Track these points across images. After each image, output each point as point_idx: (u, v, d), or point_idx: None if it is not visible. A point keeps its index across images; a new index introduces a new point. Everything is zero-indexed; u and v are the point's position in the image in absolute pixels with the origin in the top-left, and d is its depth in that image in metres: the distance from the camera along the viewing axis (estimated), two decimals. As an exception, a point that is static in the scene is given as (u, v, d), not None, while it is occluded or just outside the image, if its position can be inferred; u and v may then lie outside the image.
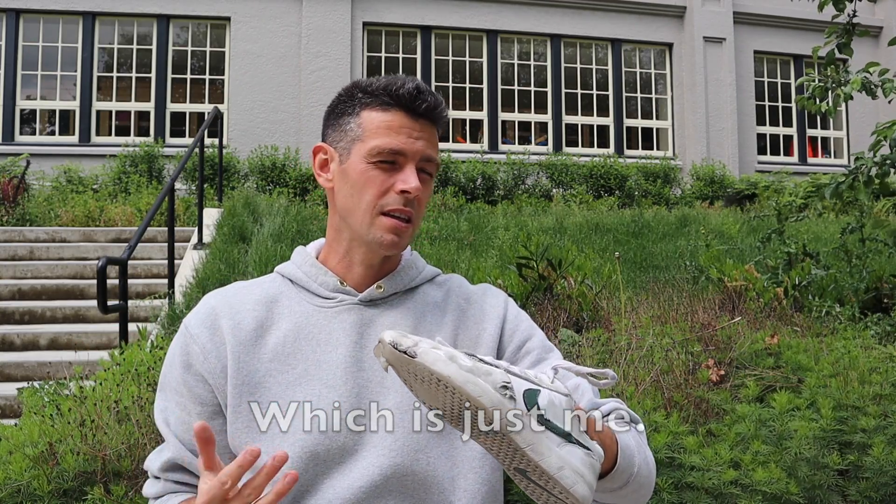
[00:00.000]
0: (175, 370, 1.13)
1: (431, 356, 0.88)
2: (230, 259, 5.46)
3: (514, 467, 0.93)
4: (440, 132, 1.16)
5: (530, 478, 0.93)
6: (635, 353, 2.67)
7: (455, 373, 0.88)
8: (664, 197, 10.33)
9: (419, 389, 0.93)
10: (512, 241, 5.86)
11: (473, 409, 0.89)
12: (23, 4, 9.96)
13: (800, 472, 2.04)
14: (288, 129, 10.39)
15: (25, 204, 7.72)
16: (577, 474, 0.92)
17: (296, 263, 1.19)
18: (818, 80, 3.90)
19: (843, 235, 4.19)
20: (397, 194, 1.08)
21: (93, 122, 10.14)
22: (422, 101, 1.09)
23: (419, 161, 1.10)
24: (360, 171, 1.10)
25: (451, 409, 0.91)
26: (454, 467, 1.08)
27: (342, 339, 1.10)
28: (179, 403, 1.12)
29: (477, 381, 0.89)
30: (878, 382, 2.41)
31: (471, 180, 9.71)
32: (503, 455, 0.93)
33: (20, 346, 4.98)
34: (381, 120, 1.10)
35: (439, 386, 0.89)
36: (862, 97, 3.91)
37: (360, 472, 1.04)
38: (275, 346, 1.10)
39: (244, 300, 1.15)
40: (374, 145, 1.09)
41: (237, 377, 1.08)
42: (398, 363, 0.90)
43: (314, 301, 1.14)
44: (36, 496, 1.90)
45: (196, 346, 1.11)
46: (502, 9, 11.32)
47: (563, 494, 0.92)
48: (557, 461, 0.91)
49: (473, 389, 0.88)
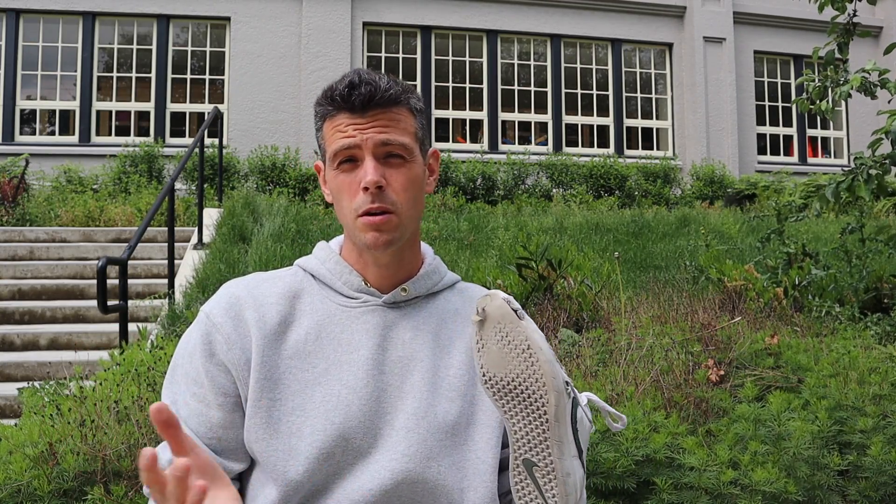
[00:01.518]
0: (195, 359, 1.09)
1: (534, 325, 0.97)
2: (230, 259, 5.46)
3: (524, 457, 0.97)
4: (411, 109, 1.11)
5: (533, 474, 0.96)
6: (635, 353, 2.67)
7: (547, 349, 0.96)
8: (664, 197, 10.34)
9: (495, 351, 0.97)
10: (512, 241, 5.86)
11: (536, 389, 0.95)
12: (23, 4, 9.96)
13: (799, 472, 2.05)
14: (288, 129, 10.39)
15: (25, 204, 7.72)
16: (575, 490, 0.98)
17: (319, 259, 1.17)
18: (817, 79, 3.90)
19: (842, 235, 4.19)
20: (363, 193, 1.07)
21: (93, 122, 10.14)
22: (356, 96, 1.07)
23: (376, 149, 1.07)
24: (334, 181, 1.10)
25: (513, 380, 0.96)
26: (464, 479, 1.07)
27: (364, 341, 1.09)
28: (196, 395, 1.08)
29: (556, 365, 0.96)
30: (877, 382, 2.41)
31: (471, 180, 9.71)
32: (525, 441, 0.97)
33: (20, 346, 4.98)
34: (332, 126, 1.09)
35: (523, 354, 0.95)
36: (862, 97, 3.91)
37: (371, 475, 1.03)
38: (296, 343, 1.08)
39: (267, 293, 1.12)
40: (331, 152, 1.09)
41: (260, 371, 1.06)
42: (500, 319, 0.96)
43: (337, 299, 1.13)
44: (36, 496, 1.90)
45: (220, 335, 1.08)
46: (502, 9, 11.32)
47: (558, 500, 0.97)
48: (569, 468, 0.97)
49: (553, 369, 0.95)
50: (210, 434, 1.07)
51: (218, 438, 1.07)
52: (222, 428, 1.07)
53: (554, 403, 0.94)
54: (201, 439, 1.06)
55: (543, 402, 0.94)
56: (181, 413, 1.08)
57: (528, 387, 0.95)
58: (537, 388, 0.94)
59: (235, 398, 1.08)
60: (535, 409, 0.95)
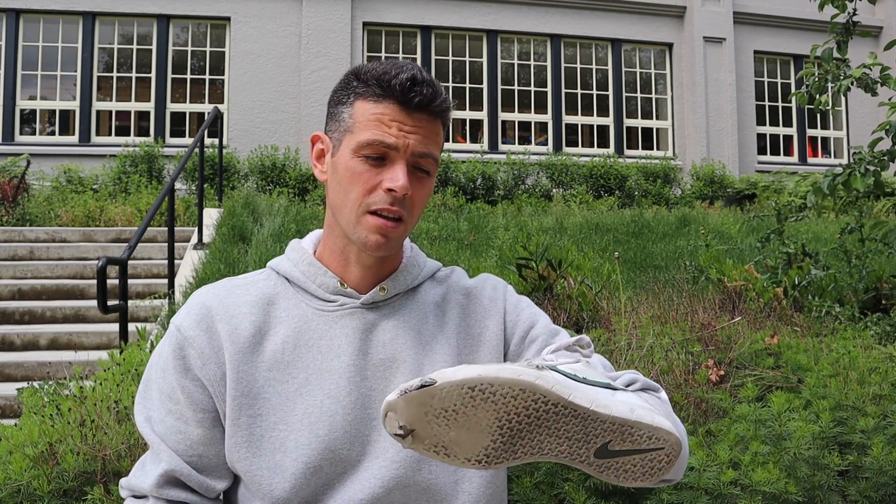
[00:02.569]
0: (168, 375, 1.03)
1: (449, 370, 0.79)
2: (230, 259, 5.46)
3: (594, 452, 0.83)
4: (444, 125, 1.07)
5: (614, 450, 0.83)
6: (635, 353, 2.67)
7: (482, 370, 0.79)
8: (664, 197, 10.34)
9: (457, 436, 0.80)
10: (512, 241, 5.86)
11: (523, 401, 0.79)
12: (23, 4, 9.96)
13: (799, 473, 2.04)
14: (288, 129, 10.39)
15: (25, 204, 7.72)
16: (651, 410, 0.83)
17: (292, 261, 1.11)
18: (817, 74, 3.90)
19: (842, 235, 4.19)
20: (384, 192, 1.00)
21: (93, 122, 10.14)
22: (416, 94, 1.00)
23: (411, 157, 1.01)
24: (348, 166, 1.02)
25: (500, 428, 0.80)
26: (457, 471, 1.05)
27: (344, 347, 1.04)
28: (173, 412, 1.03)
29: (506, 367, 0.80)
30: (877, 382, 2.41)
31: (471, 180, 9.71)
32: (576, 443, 0.82)
33: (20, 346, 4.98)
34: (371, 112, 1.01)
35: (475, 398, 0.78)
36: (862, 97, 3.90)
37: (361, 485, 1.00)
38: (273, 353, 1.03)
39: (239, 301, 1.06)
40: (362, 139, 1.00)
41: (237, 388, 1.01)
42: (421, 410, 0.79)
43: (313, 303, 1.07)
44: (36, 496, 1.89)
45: (193, 349, 1.02)
46: (502, 9, 11.32)
47: (653, 436, 0.82)
48: (624, 406, 0.82)
49: (509, 374, 0.79)
50: (190, 452, 1.02)
51: (199, 455, 1.03)
52: (202, 445, 1.03)
53: (548, 388, 0.79)
54: (181, 457, 1.02)
55: (541, 400, 0.80)
56: (157, 430, 1.03)
57: (515, 409, 0.80)
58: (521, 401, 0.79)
59: (214, 414, 1.03)
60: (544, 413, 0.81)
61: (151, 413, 1.04)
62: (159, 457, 1.02)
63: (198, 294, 1.09)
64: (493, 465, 0.83)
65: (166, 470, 1.01)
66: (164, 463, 1.01)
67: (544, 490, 1.98)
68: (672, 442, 0.82)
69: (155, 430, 1.03)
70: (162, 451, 1.02)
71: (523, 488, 1.95)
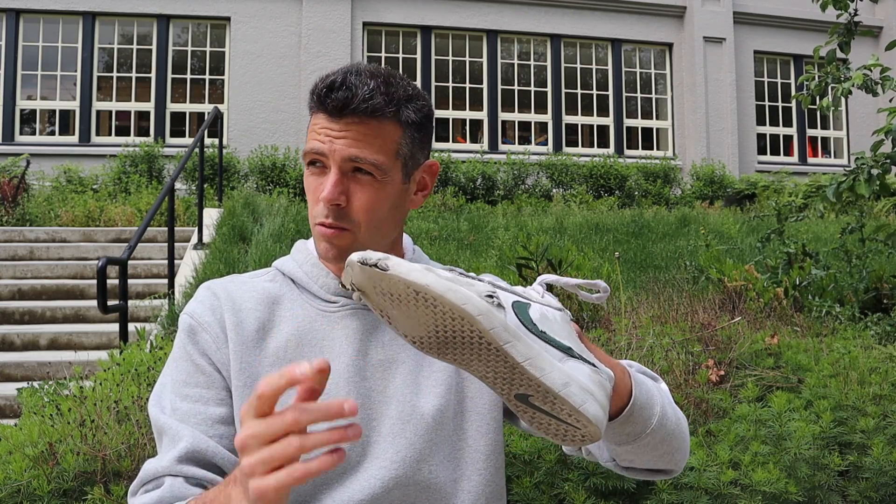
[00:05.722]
0: (184, 362, 1.04)
1: (405, 266, 0.78)
2: (230, 259, 5.46)
3: (514, 395, 0.82)
4: (400, 121, 1.03)
5: (533, 403, 0.82)
6: (635, 353, 2.67)
7: (434, 281, 0.78)
8: (664, 197, 10.34)
9: (398, 315, 0.82)
10: (512, 241, 5.86)
11: (460, 326, 0.78)
12: (23, 4, 9.96)
13: (799, 473, 2.04)
14: (288, 129, 10.39)
15: (25, 204, 7.72)
16: (586, 392, 0.81)
17: (297, 262, 1.12)
18: (818, 77, 3.90)
19: (843, 235, 4.19)
20: (322, 203, 1.02)
21: (93, 122, 10.14)
22: (331, 100, 1.00)
23: (344, 162, 1.00)
24: (306, 180, 1.06)
25: (436, 332, 0.80)
26: (457, 469, 1.06)
27: (345, 348, 1.05)
28: (190, 396, 1.02)
29: (458, 289, 0.78)
30: (877, 382, 2.41)
31: (471, 180, 9.71)
32: (500, 380, 0.82)
33: (20, 346, 4.98)
34: (311, 124, 1.05)
35: (418, 301, 0.78)
36: (862, 97, 3.91)
37: (360, 485, 1.01)
38: (276, 350, 1.05)
39: (245, 297, 1.08)
40: (303, 151, 1.04)
41: (240, 378, 1.03)
42: (370, 283, 0.80)
43: (316, 304, 1.09)
44: (36, 496, 1.89)
45: (207, 334, 1.05)
46: (502, 9, 11.32)
47: (573, 416, 0.80)
48: (561, 376, 0.80)
49: (456, 297, 0.77)
50: (212, 431, 1.01)
51: (220, 436, 1.01)
52: (224, 424, 1.02)
53: (486, 328, 0.78)
54: (211, 439, 1.01)
55: (477, 334, 0.78)
56: (175, 416, 1.01)
57: (452, 328, 0.79)
58: (458, 324, 0.78)
59: (231, 394, 1.04)
60: (477, 344, 0.79)
61: (165, 404, 1.03)
62: (179, 436, 0.99)
63: (205, 286, 1.11)
64: (426, 353, 0.84)
65: (188, 448, 0.98)
66: (185, 441, 0.98)
67: (544, 490, 1.98)
68: (590, 431, 0.81)
69: (173, 415, 1.01)
70: (182, 431, 0.99)
71: (523, 488, 1.95)
